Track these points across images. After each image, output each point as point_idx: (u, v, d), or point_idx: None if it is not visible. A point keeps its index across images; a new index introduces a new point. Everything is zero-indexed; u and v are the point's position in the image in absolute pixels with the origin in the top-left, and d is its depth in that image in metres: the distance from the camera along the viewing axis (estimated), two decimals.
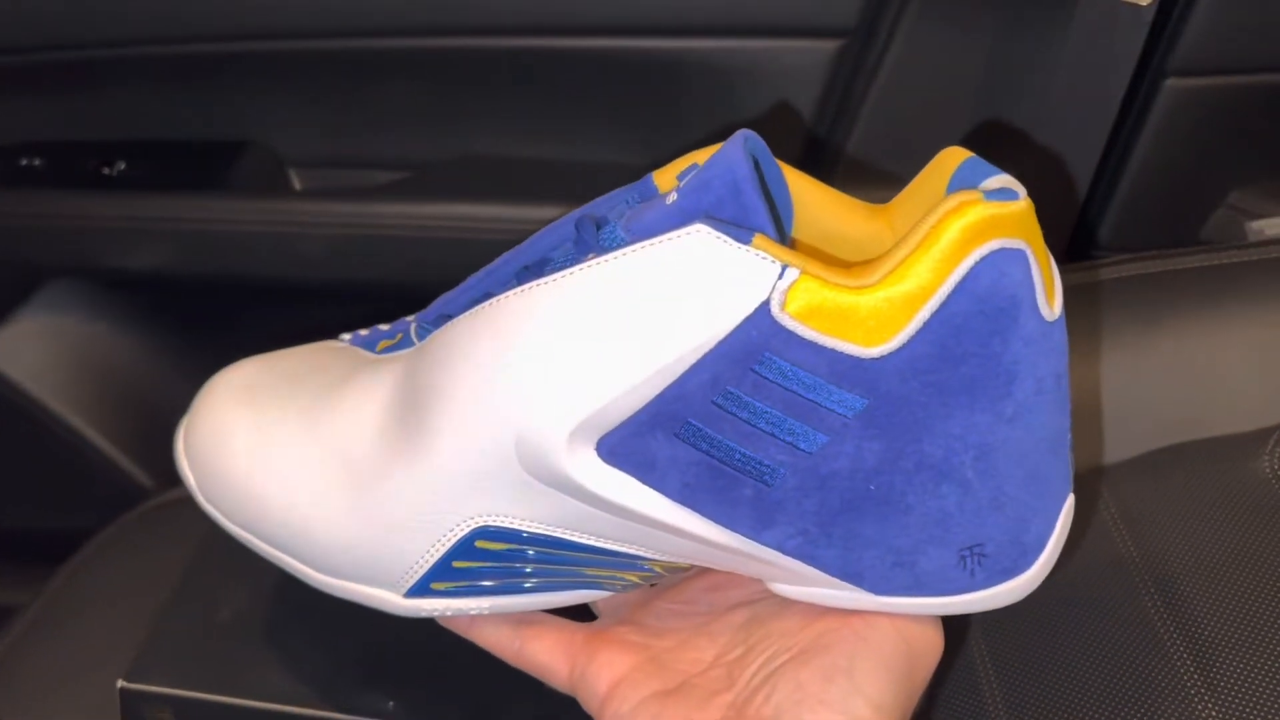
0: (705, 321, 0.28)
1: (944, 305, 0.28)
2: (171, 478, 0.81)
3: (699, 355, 0.28)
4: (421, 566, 0.34)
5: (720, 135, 0.68)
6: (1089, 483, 0.46)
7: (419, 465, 0.32)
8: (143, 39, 0.67)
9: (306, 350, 0.39)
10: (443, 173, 0.71)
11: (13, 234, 0.72)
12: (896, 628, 0.31)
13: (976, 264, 0.27)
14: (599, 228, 0.31)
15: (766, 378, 0.28)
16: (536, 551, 0.33)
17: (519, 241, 0.35)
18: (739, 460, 0.29)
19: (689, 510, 0.30)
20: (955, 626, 0.42)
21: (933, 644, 0.32)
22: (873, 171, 0.69)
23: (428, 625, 0.42)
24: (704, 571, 0.36)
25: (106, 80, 0.71)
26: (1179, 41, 0.60)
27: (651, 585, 0.37)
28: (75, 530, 0.65)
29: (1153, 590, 0.40)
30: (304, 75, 0.70)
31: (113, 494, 0.81)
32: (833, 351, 0.28)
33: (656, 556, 0.33)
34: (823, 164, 0.69)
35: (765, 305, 0.27)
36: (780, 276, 0.27)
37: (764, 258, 0.27)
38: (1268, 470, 0.43)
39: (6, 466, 0.84)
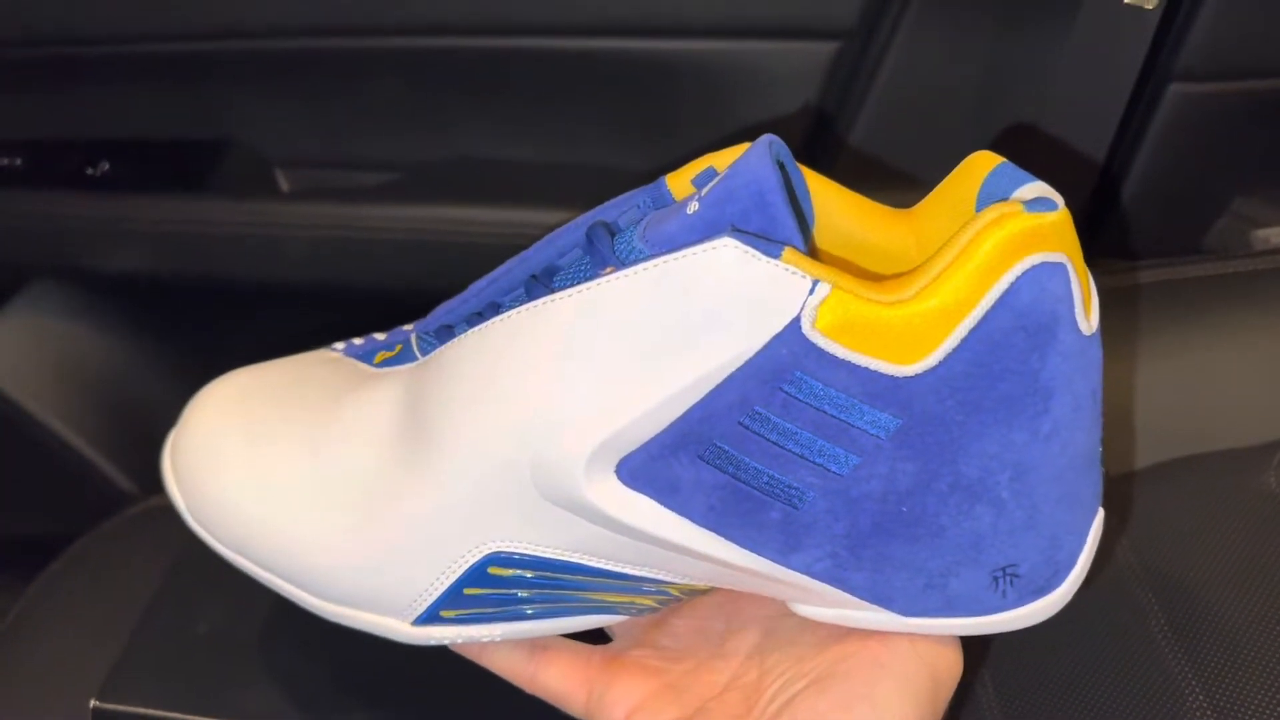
0: (732, 339, 0.27)
1: (983, 321, 0.27)
2: (153, 484, 0.80)
3: (726, 374, 0.27)
4: (431, 594, 0.32)
5: (716, 137, 0.68)
6: None
7: (428, 489, 0.31)
8: (128, 37, 0.66)
9: (299, 361, 0.37)
10: (432, 174, 0.71)
11: None
12: (917, 651, 0.31)
13: (1018, 279, 0.26)
14: (613, 236, 0.30)
15: (797, 398, 0.27)
16: (550, 577, 0.32)
17: (510, 245, 0.34)
18: (767, 483, 0.28)
19: (714, 534, 0.29)
20: (968, 647, 0.42)
21: (953, 666, 0.31)
22: (872, 175, 0.68)
23: (406, 644, 0.42)
24: (715, 590, 0.36)
25: (90, 78, 0.70)
26: (1184, 46, 0.60)
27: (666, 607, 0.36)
28: (55, 535, 0.64)
29: (1155, 606, 0.40)
30: (291, 74, 0.69)
31: (94, 499, 0.80)
32: (866, 370, 0.27)
33: (675, 580, 0.32)
34: (821, 167, 0.68)
35: (796, 322, 0.26)
36: (811, 292, 0.26)
37: (794, 272, 0.26)
38: (1274, 485, 0.43)
39: None
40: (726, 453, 0.28)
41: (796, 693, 0.31)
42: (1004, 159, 0.30)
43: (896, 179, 0.68)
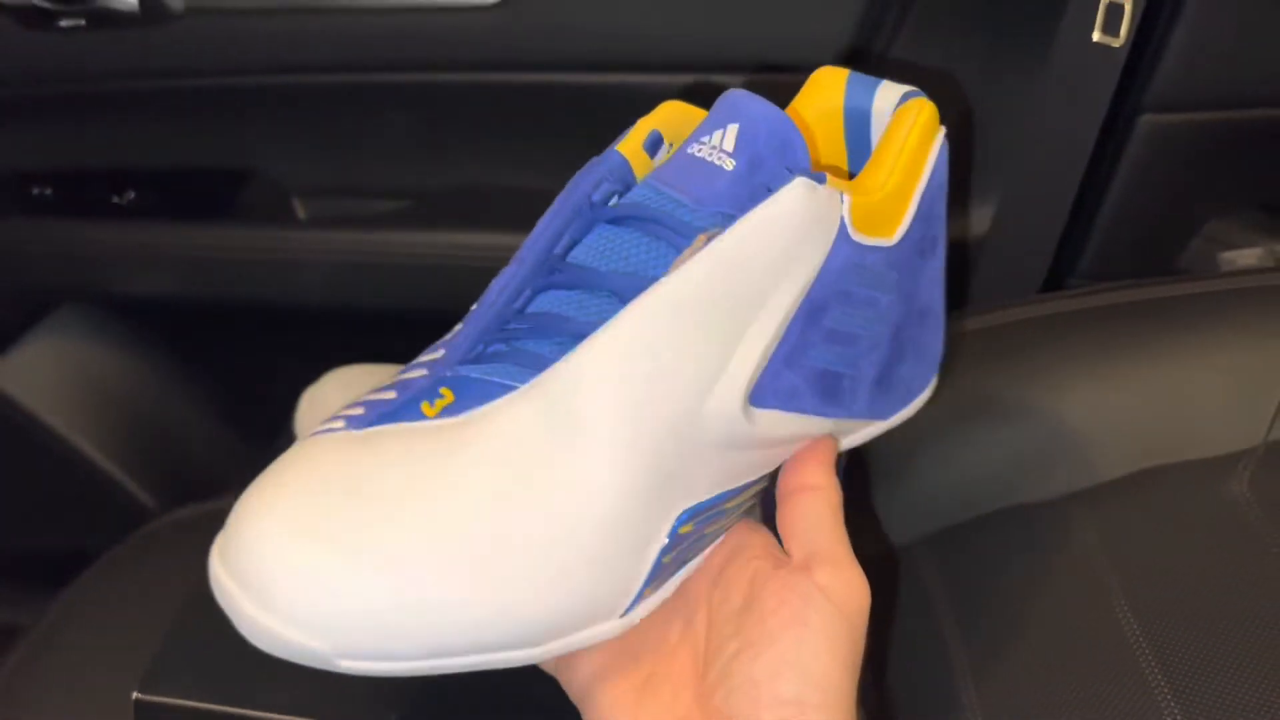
0: (812, 256, 0.32)
1: (924, 189, 0.35)
2: (174, 499, 0.82)
3: (809, 286, 0.33)
4: (638, 579, 0.32)
5: None
6: (1066, 506, 0.47)
7: (605, 487, 0.30)
8: (153, 72, 0.68)
9: (320, 461, 0.31)
10: (441, 202, 0.73)
11: (25, 260, 0.73)
12: (829, 598, 0.33)
13: (938, 153, 0.36)
14: (630, 218, 0.33)
15: (856, 280, 0.34)
16: (717, 512, 0.34)
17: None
18: (843, 343, 0.35)
19: (819, 417, 0.35)
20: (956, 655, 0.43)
21: (861, 595, 0.34)
22: None
23: None
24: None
25: (117, 112, 0.72)
26: (1154, 79, 0.61)
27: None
28: (81, 551, 0.65)
29: (1129, 612, 0.41)
30: (308, 108, 0.71)
31: (118, 515, 0.81)
32: (879, 248, 0.34)
33: (764, 472, 0.36)
34: None
35: (843, 228, 0.33)
36: (842, 203, 0.32)
37: (834, 191, 0.32)
38: (1238, 493, 0.44)
39: (15, 488, 0.85)
40: (816, 347, 0.34)
41: (732, 657, 0.33)
42: (849, 70, 0.39)
43: None
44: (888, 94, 0.38)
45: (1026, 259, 0.64)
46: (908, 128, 0.35)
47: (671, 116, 0.37)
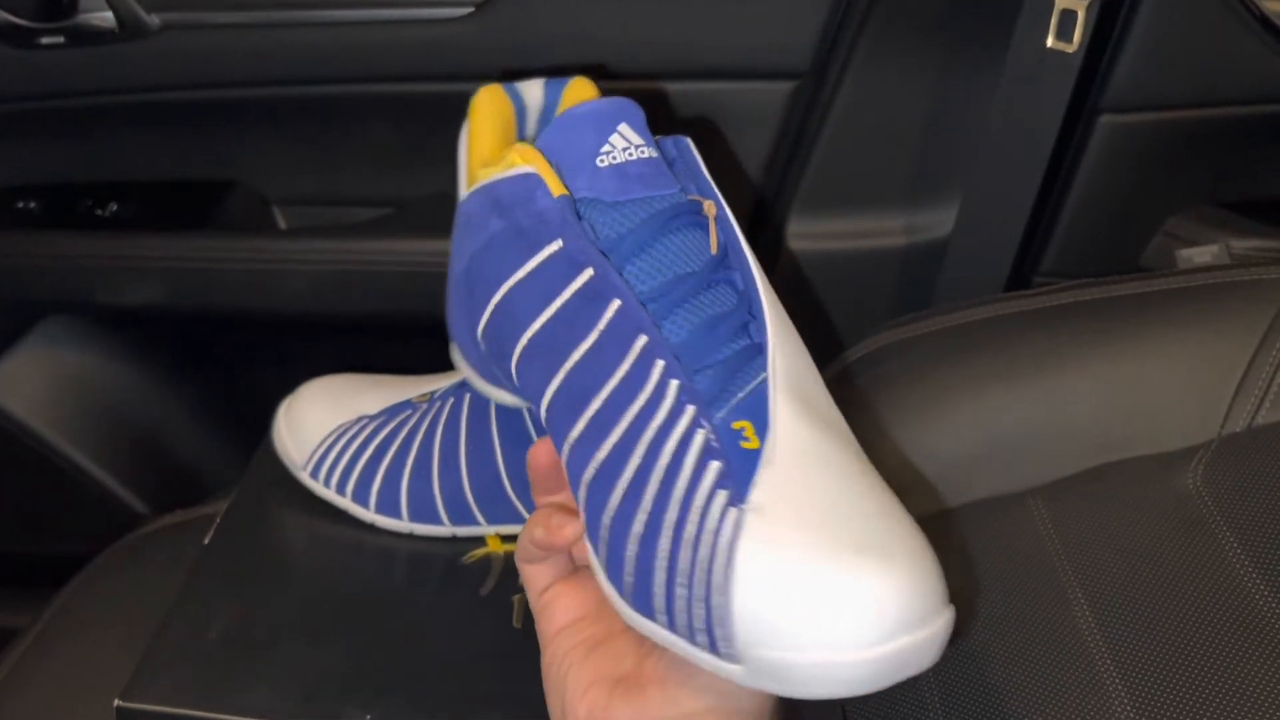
0: None
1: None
2: (163, 504, 0.82)
3: None
4: None
5: None
6: (1025, 499, 0.48)
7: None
8: (133, 87, 0.69)
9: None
10: (420, 210, 0.73)
11: (10, 273, 0.73)
12: None
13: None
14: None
15: None
16: None
17: None
18: None
19: None
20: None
21: None
22: (826, 201, 0.71)
23: (409, 638, 0.44)
24: None
25: (99, 126, 0.72)
26: (1110, 80, 0.62)
27: None
28: (72, 555, 0.66)
29: (1082, 601, 0.42)
30: (288, 119, 0.71)
31: (108, 520, 0.81)
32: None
33: None
34: (782, 195, 0.72)
35: None
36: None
37: None
38: (1191, 486, 0.45)
39: (5, 494, 0.85)
40: None
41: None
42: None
43: (849, 203, 0.71)
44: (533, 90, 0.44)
45: (990, 259, 0.65)
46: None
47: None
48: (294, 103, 0.70)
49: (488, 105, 0.44)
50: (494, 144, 0.43)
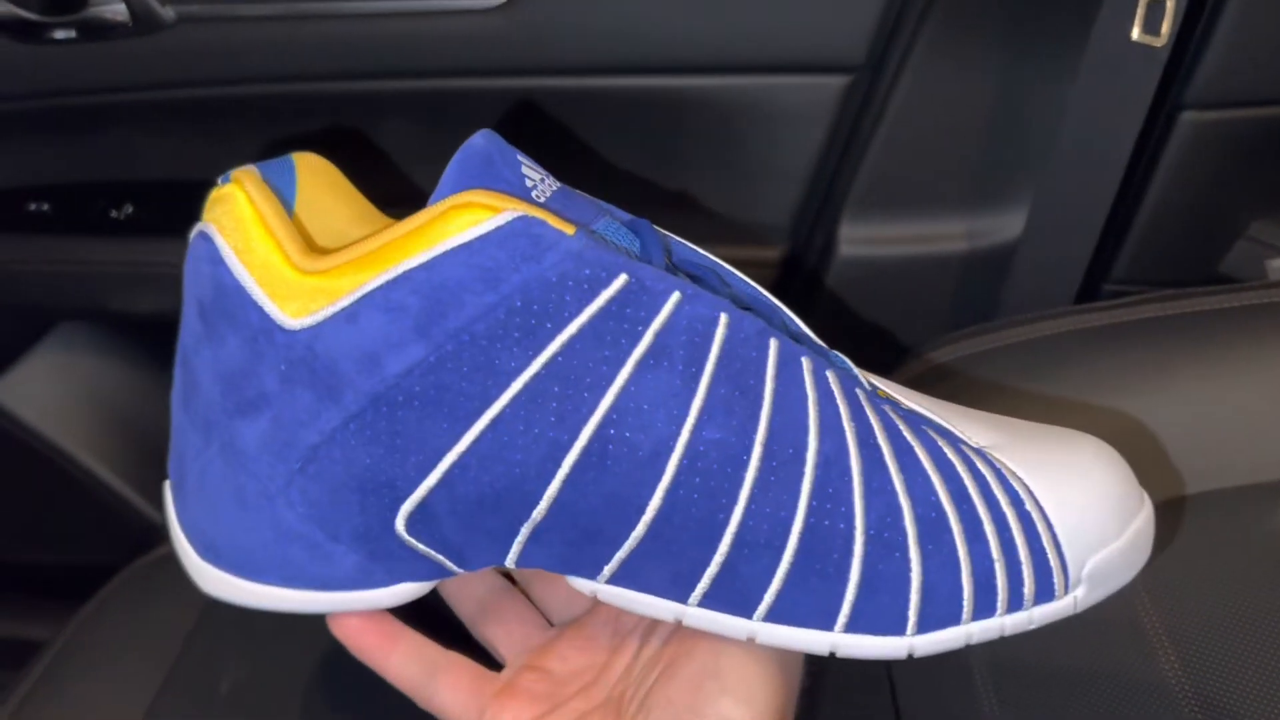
0: None
1: None
2: None
3: None
4: None
5: (726, 171, 0.68)
6: None
7: None
8: (148, 84, 0.67)
9: None
10: None
11: (23, 278, 0.72)
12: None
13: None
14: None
15: None
16: None
17: None
18: None
19: None
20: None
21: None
22: (881, 204, 0.68)
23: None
24: (600, 605, 0.36)
25: (112, 125, 0.71)
26: (1195, 75, 0.59)
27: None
28: (89, 566, 0.65)
29: (1168, 646, 0.40)
30: (309, 116, 0.70)
31: (123, 530, 0.81)
32: None
33: None
34: (833, 197, 0.69)
35: None
36: None
37: None
38: None
39: (21, 504, 0.84)
40: None
41: (652, 685, 0.31)
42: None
43: (906, 206, 0.68)
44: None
45: (1061, 266, 0.63)
46: None
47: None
48: (316, 100, 0.68)
49: (261, 193, 0.31)
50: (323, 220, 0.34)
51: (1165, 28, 0.53)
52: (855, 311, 0.71)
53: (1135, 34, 0.54)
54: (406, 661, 0.34)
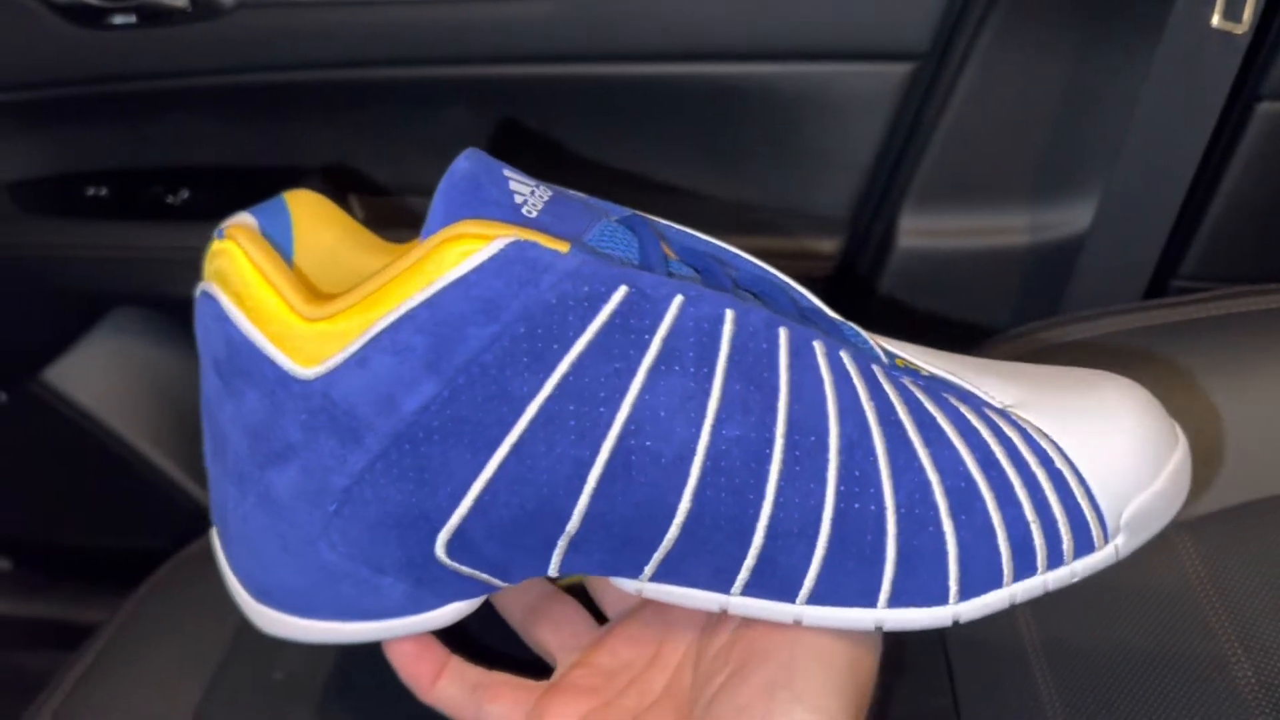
0: None
1: None
2: None
3: None
4: None
5: (785, 160, 0.67)
6: (1170, 534, 0.43)
7: None
8: (205, 69, 0.67)
9: None
10: None
11: (80, 263, 0.73)
12: (829, 631, 0.31)
13: None
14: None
15: None
16: None
17: None
18: None
19: None
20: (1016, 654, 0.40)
21: (869, 637, 0.32)
22: (944, 195, 0.67)
23: None
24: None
25: (170, 110, 0.71)
26: (1274, 65, 0.58)
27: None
28: (143, 550, 0.66)
29: (1241, 655, 0.39)
30: (365, 103, 0.70)
31: (178, 515, 0.82)
32: None
33: None
34: (894, 188, 0.68)
35: None
36: None
37: None
38: None
39: (76, 488, 0.85)
40: None
41: (718, 688, 0.30)
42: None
43: (970, 197, 0.67)
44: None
45: (1131, 260, 0.61)
46: None
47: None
48: (372, 86, 0.67)
49: (257, 245, 0.31)
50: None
51: (1247, 14, 0.52)
52: (913, 306, 0.70)
53: (1215, 20, 0.52)
54: (449, 684, 0.35)
